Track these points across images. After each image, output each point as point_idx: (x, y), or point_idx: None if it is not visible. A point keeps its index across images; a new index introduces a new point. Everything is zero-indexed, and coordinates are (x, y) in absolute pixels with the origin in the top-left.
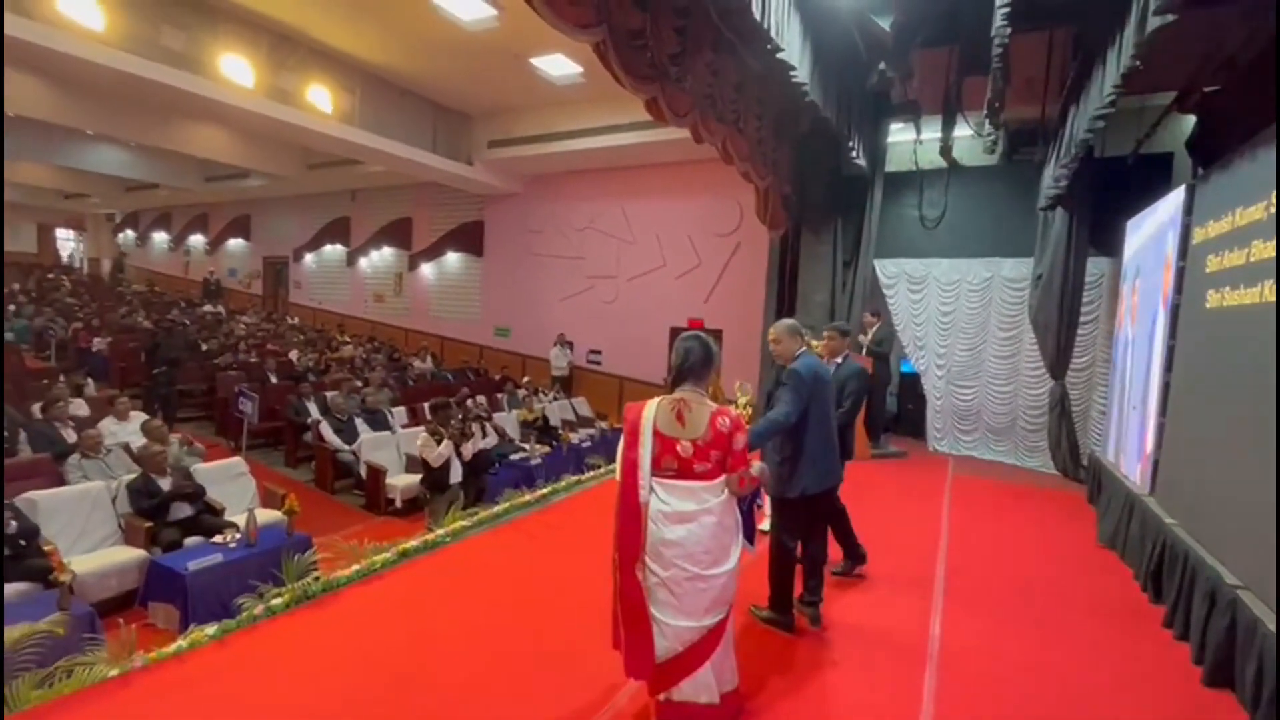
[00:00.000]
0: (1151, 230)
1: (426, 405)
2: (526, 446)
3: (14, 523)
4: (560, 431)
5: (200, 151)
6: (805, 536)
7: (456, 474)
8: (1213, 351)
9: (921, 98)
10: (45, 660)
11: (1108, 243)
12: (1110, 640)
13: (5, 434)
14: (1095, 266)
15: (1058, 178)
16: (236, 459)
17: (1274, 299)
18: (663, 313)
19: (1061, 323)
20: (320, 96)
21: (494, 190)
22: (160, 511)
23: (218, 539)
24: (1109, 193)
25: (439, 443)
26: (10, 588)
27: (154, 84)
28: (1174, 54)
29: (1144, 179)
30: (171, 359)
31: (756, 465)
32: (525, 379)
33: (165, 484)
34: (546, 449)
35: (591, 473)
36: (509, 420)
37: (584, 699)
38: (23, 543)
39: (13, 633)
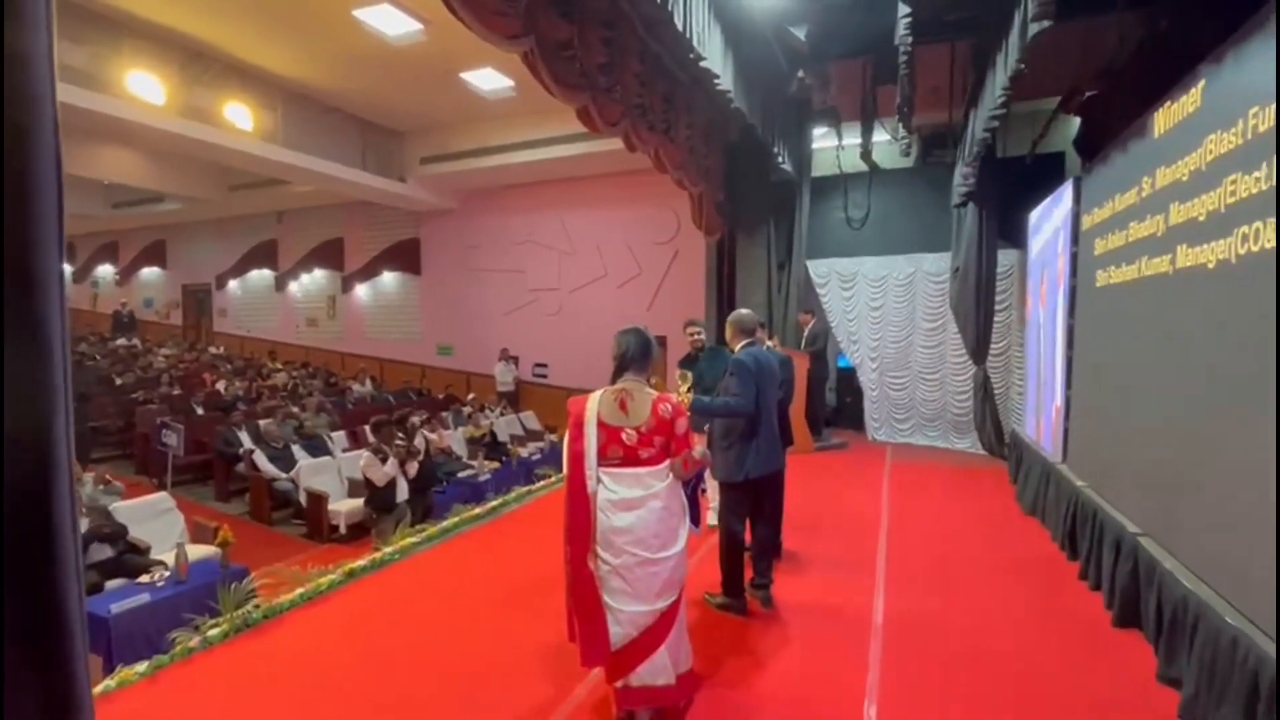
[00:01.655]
0: (1050, 221)
1: (368, 426)
2: (474, 464)
3: None
4: (509, 447)
5: (107, 175)
6: (752, 520)
7: (403, 492)
8: (1104, 326)
9: (840, 105)
10: None
11: (1014, 236)
12: (1034, 596)
13: None
14: (1005, 258)
15: (965, 176)
16: (161, 494)
17: (1150, 273)
18: (607, 323)
19: (979, 312)
20: (239, 114)
21: (429, 207)
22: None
23: (144, 579)
24: (1012, 190)
25: (384, 462)
26: None
27: None
28: (1056, 60)
29: (1041, 176)
30: (80, 395)
31: (699, 449)
32: (471, 396)
33: (83, 525)
34: (496, 465)
35: (542, 482)
36: (455, 438)
37: (543, 696)
38: None
39: None
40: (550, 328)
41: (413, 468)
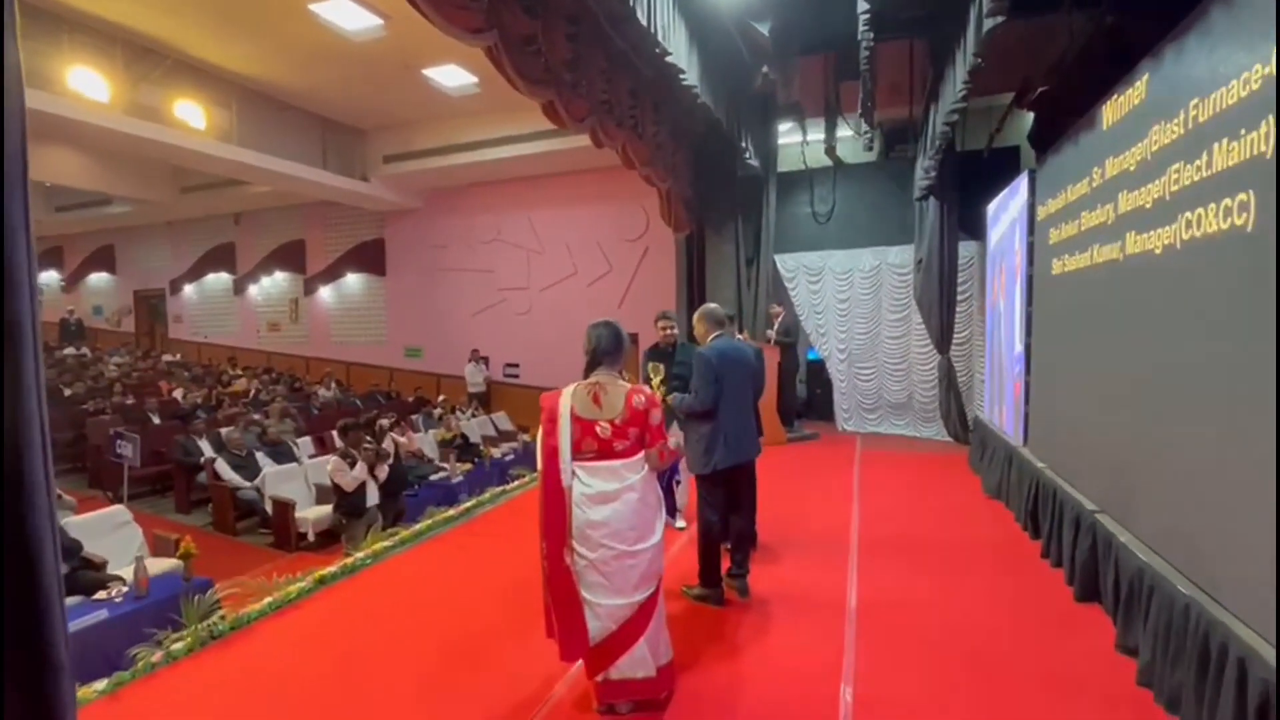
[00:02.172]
0: (1007, 213)
1: (335, 430)
2: (446, 466)
3: None
4: (481, 448)
5: (49, 177)
6: (727, 510)
7: (373, 497)
8: (1060, 312)
9: (804, 100)
10: None
11: (974, 228)
12: (998, 575)
13: None
14: (966, 250)
15: (927, 170)
16: (118, 508)
17: (1102, 260)
18: (578, 321)
19: (942, 302)
20: (190, 112)
21: (393, 206)
22: None
23: (100, 595)
24: (971, 183)
25: (352, 466)
26: None
27: None
28: (1010, 56)
29: (998, 169)
30: None
31: (673, 440)
32: (441, 398)
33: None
34: (468, 466)
35: (516, 482)
36: (426, 441)
37: (523, 694)
38: None
39: None
40: (520, 327)
41: (383, 471)
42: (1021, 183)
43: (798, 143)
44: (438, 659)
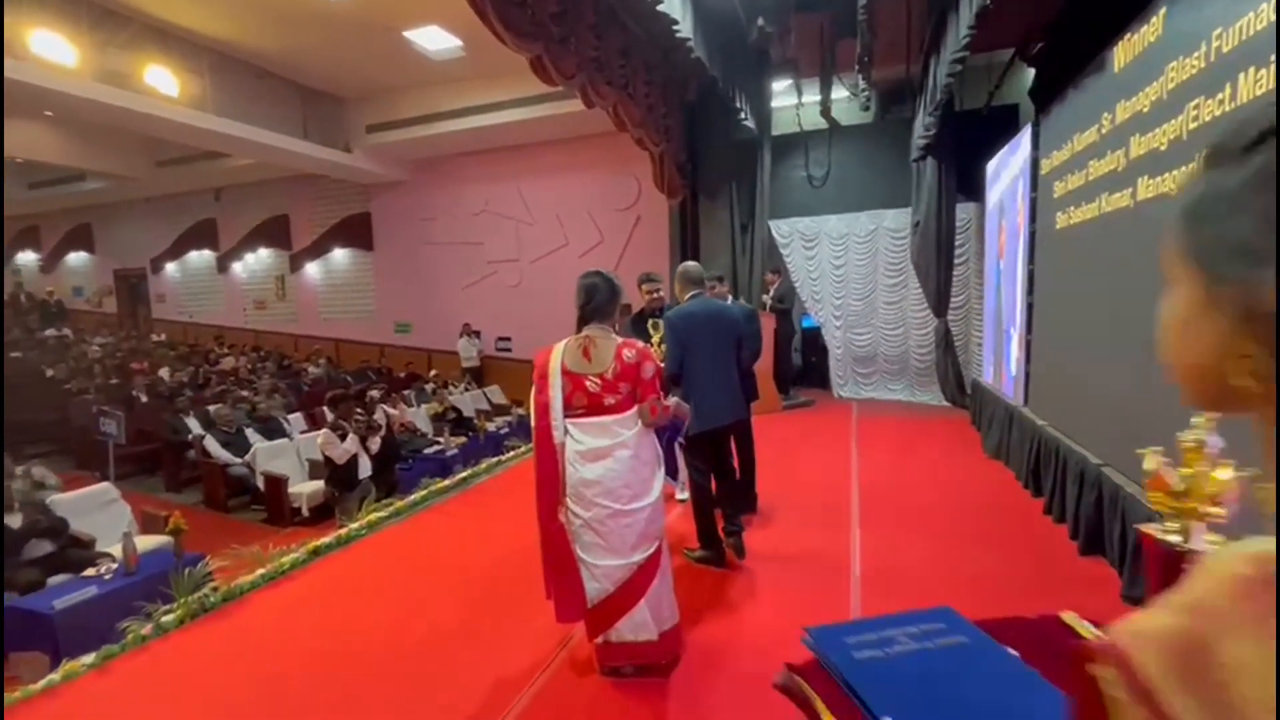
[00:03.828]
0: (1008, 169)
1: (325, 404)
2: (440, 439)
3: None
4: (475, 422)
5: (20, 152)
6: (712, 470)
7: (365, 469)
8: (1065, 268)
9: (800, 59)
10: None
11: (973, 189)
12: (1002, 532)
13: None
14: (963, 211)
15: (927, 127)
16: (104, 485)
17: (1110, 209)
18: (570, 294)
19: (939, 265)
20: (161, 79)
21: (378, 178)
22: (12, 551)
23: (89, 572)
24: (970, 143)
25: (343, 438)
26: None
27: None
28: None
29: (997, 127)
30: (7, 385)
31: (672, 398)
32: (433, 373)
33: (14, 521)
34: (463, 439)
35: (511, 453)
36: (419, 415)
37: (525, 659)
38: None
39: None
40: (512, 300)
41: (375, 443)
42: (1024, 137)
43: (793, 105)
44: (435, 627)
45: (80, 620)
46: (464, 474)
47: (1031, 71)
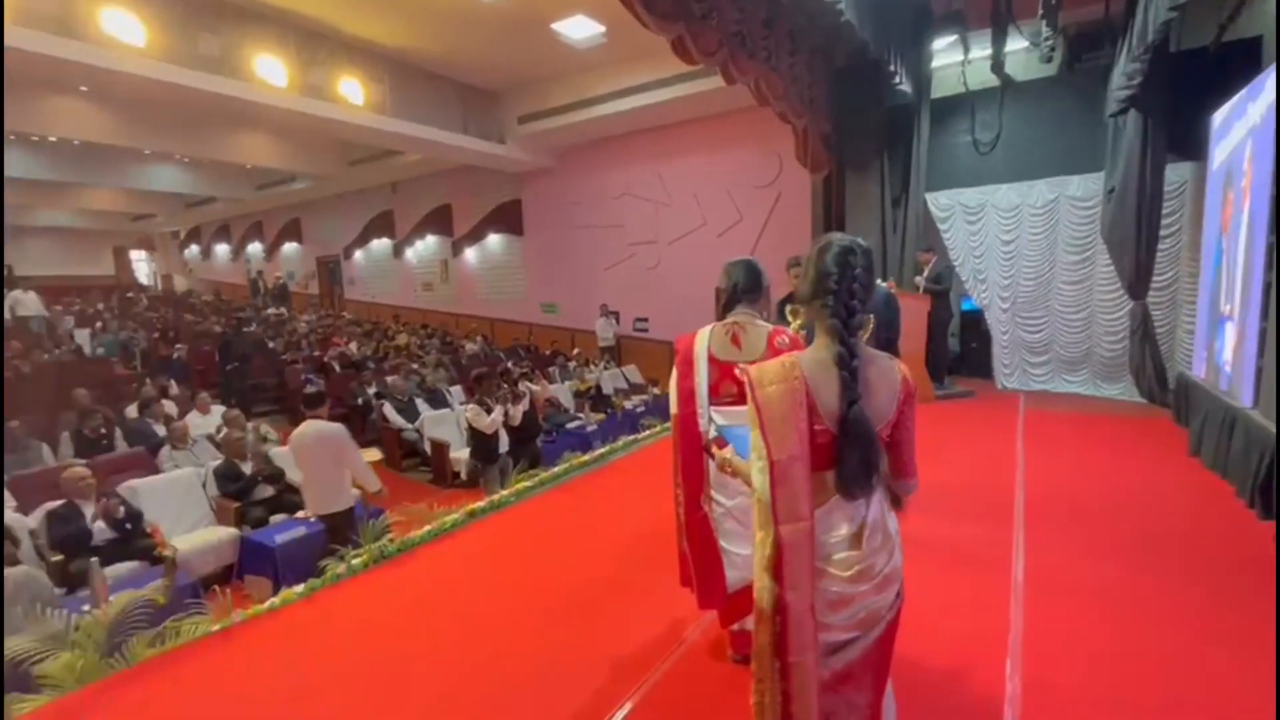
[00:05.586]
0: (1243, 120)
1: (471, 382)
2: (581, 415)
3: (122, 508)
4: (614, 399)
5: (247, 159)
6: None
7: (504, 444)
8: None
9: (968, 10)
10: (155, 622)
11: (1189, 145)
12: (1210, 559)
13: (52, 432)
14: (1175, 173)
15: (1130, 75)
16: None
17: None
18: (706, 274)
19: (1140, 238)
20: (351, 89)
21: (528, 167)
22: (245, 493)
23: (300, 515)
24: (1188, 89)
25: (488, 412)
26: (123, 566)
27: (195, 91)
28: None
29: (1229, 69)
30: (242, 356)
31: None
32: (576, 351)
33: (247, 468)
34: (602, 416)
35: (647, 431)
36: (563, 391)
37: (653, 634)
38: (129, 526)
39: (120, 600)
40: (650, 281)
41: (517, 414)
42: (1268, 79)
43: (957, 63)
44: (572, 594)
45: (293, 554)
46: (602, 449)
47: None
